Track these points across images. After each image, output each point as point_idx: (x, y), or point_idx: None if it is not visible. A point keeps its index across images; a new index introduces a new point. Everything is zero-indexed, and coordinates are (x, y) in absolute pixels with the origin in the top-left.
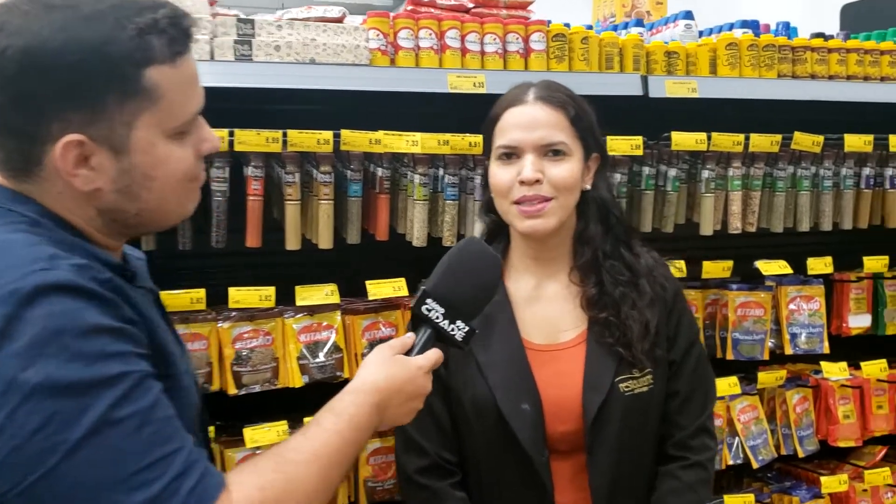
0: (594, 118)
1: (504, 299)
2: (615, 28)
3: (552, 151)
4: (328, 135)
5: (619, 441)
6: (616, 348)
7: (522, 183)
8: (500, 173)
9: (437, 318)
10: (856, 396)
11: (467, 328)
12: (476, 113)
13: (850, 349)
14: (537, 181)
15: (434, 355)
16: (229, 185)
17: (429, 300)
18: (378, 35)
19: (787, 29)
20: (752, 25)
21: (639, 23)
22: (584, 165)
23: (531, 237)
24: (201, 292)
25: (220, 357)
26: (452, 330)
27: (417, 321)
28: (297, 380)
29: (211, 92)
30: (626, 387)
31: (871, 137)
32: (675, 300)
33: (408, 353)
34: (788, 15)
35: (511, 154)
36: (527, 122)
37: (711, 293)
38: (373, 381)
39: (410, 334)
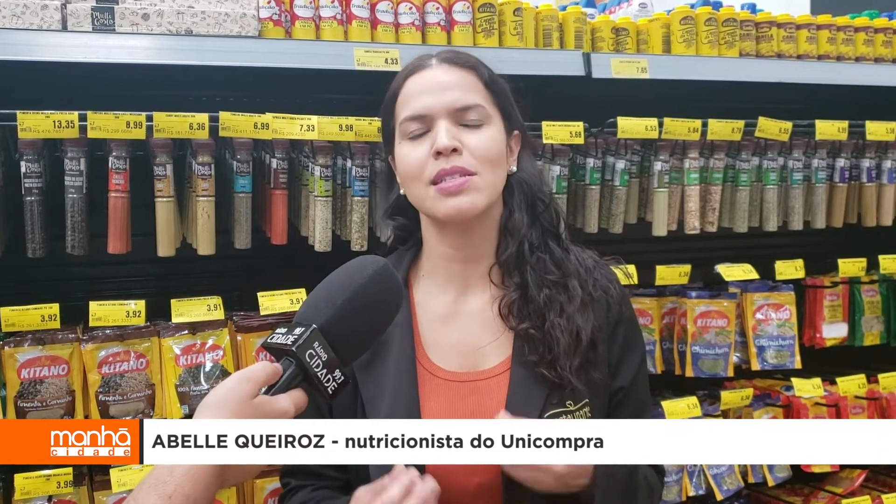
0: (508, 89)
1: (406, 316)
2: (564, 9)
3: (469, 119)
4: (203, 118)
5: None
6: (540, 369)
7: (439, 155)
8: (410, 153)
9: (317, 365)
10: (831, 415)
11: (342, 379)
12: None
13: (824, 363)
14: (455, 150)
15: (301, 400)
16: (86, 179)
17: (316, 344)
18: (270, 2)
19: (753, 11)
20: (714, 6)
21: (590, 3)
22: (507, 143)
23: (454, 224)
24: (55, 307)
25: (84, 384)
26: (327, 381)
27: (280, 354)
28: (175, 410)
29: (63, 69)
30: None
31: (845, 124)
32: (622, 310)
33: (268, 388)
34: (757, 1)
35: (421, 129)
36: (433, 84)
37: (668, 302)
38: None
39: (276, 364)
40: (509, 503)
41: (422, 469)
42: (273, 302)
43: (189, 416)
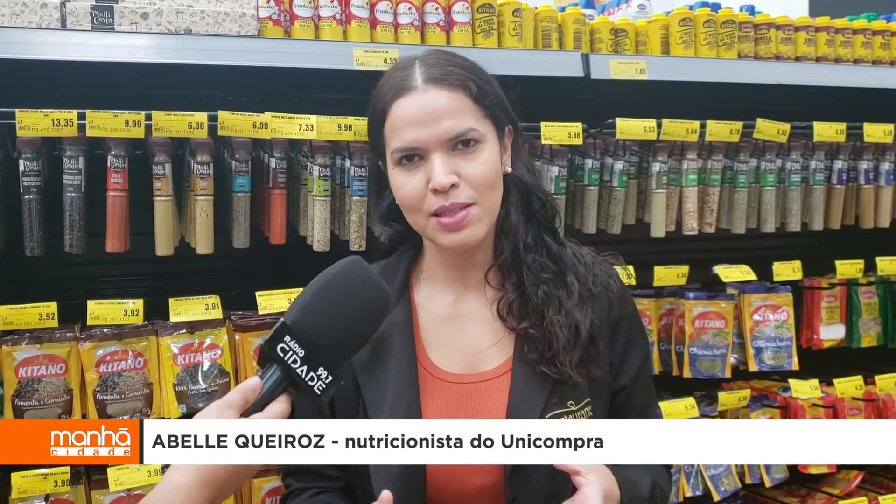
0: (497, 86)
1: (406, 318)
2: (563, 10)
3: (462, 143)
4: (202, 117)
5: (551, 490)
6: (541, 367)
7: (436, 192)
8: (406, 184)
9: (294, 361)
10: (828, 417)
11: (330, 378)
12: None
13: (821, 364)
14: (453, 186)
15: (279, 411)
16: (84, 177)
17: (287, 338)
18: (269, 1)
19: (752, 13)
20: (713, 8)
21: (589, 4)
22: (500, 146)
23: (455, 252)
24: (52, 306)
25: (82, 383)
26: (311, 379)
27: (267, 358)
28: (173, 409)
29: (62, 68)
30: None
31: (843, 126)
32: (624, 306)
33: (249, 410)
34: (756, 3)
35: (413, 156)
36: (423, 114)
37: (666, 302)
38: (205, 469)
39: (254, 379)
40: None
41: (422, 469)
42: (271, 301)
43: (187, 415)
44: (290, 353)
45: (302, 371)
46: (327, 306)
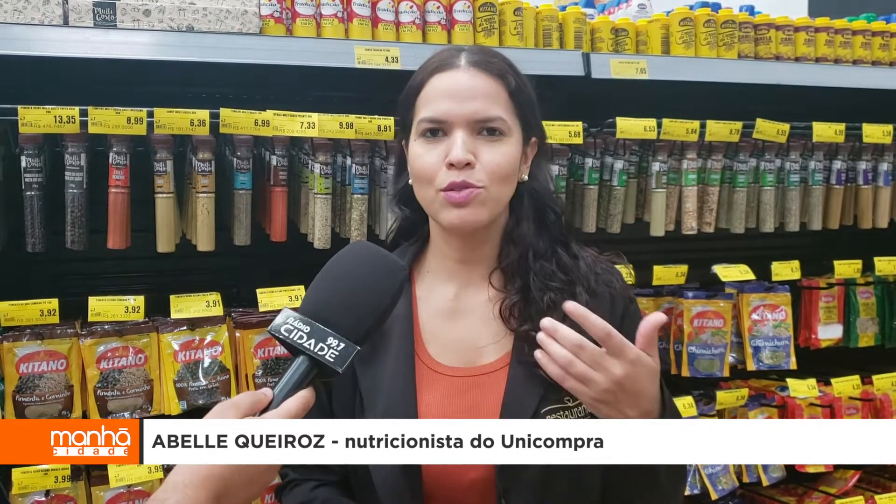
0: (533, 93)
1: (407, 310)
2: (564, 9)
3: (487, 130)
4: (204, 114)
5: (545, 488)
6: (538, 370)
7: (451, 166)
8: (424, 155)
9: (301, 338)
10: (826, 416)
11: (343, 345)
12: (389, 94)
13: (819, 363)
14: (468, 164)
15: (296, 408)
16: (86, 174)
17: (291, 319)
18: None
19: (752, 13)
20: (713, 8)
21: (589, 3)
22: (522, 152)
23: (457, 232)
24: (53, 302)
25: (83, 379)
26: (321, 350)
27: (292, 350)
28: (173, 406)
29: (64, 64)
30: (556, 418)
31: (842, 126)
32: (628, 304)
33: (268, 407)
34: (756, 4)
35: (437, 130)
36: (458, 90)
37: (665, 301)
38: (208, 467)
39: (265, 390)
40: (503, 497)
41: (419, 468)
42: (272, 298)
43: (187, 411)
44: (296, 331)
45: (311, 344)
46: (327, 281)
